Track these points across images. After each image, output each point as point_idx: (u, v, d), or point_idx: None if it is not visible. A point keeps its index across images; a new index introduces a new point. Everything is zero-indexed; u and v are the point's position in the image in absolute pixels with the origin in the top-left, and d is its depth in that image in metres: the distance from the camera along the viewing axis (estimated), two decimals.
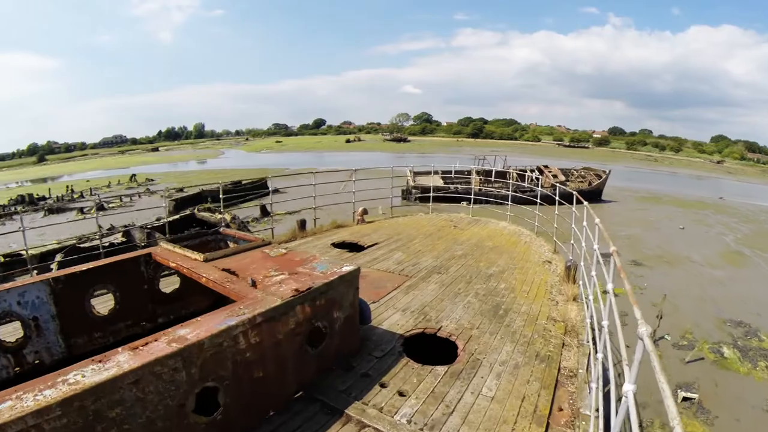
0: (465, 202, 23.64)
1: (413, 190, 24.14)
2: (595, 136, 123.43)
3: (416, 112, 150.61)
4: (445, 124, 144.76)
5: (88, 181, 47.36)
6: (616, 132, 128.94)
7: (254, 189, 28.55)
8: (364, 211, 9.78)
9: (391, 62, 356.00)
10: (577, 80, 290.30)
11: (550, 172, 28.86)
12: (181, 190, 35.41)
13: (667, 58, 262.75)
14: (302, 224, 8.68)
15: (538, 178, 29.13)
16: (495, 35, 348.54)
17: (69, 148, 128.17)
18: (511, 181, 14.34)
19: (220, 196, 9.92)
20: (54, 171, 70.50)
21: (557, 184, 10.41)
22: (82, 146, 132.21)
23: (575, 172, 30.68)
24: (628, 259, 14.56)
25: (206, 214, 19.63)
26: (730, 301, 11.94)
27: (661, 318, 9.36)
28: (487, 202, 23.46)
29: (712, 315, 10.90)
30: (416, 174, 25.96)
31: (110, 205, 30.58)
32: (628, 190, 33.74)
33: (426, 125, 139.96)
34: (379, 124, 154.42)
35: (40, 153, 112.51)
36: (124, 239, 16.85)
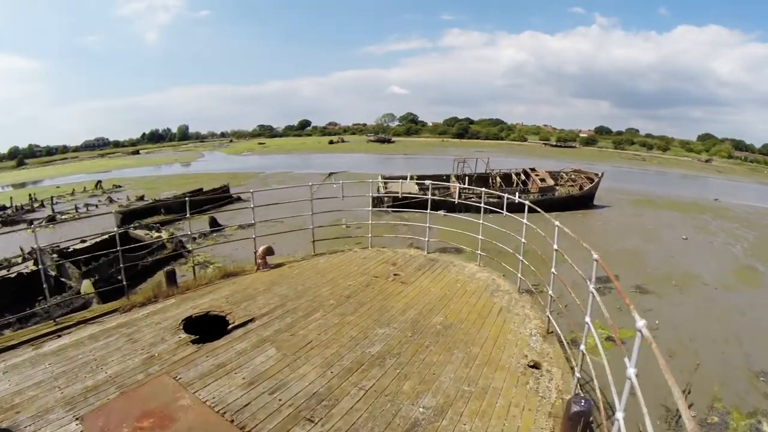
0: (443, 211, 21.36)
1: (385, 198, 21.61)
2: (582, 135, 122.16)
3: (403, 112, 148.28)
4: (431, 124, 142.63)
5: (57, 187, 44.44)
6: (602, 131, 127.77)
7: (215, 198, 25.89)
8: (268, 251, 6.90)
9: (377, 63, 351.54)
10: (563, 80, 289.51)
11: (537, 175, 26.54)
12: (141, 198, 32.79)
13: (653, 58, 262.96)
14: (170, 277, 5.96)
15: (524, 182, 26.91)
16: (482, 35, 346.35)
17: (50, 152, 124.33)
18: (484, 190, 11.80)
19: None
20: (31, 175, 67.26)
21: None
22: (64, 149, 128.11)
23: (565, 175, 28.40)
24: (632, 284, 12.22)
25: (140, 233, 16.95)
26: (757, 339, 9.65)
27: (689, 393, 7.01)
28: (467, 209, 21.17)
29: (741, 364, 8.58)
30: (388, 179, 23.54)
31: (63, 217, 27.85)
32: (620, 192, 31.71)
33: (411, 126, 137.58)
34: (364, 125, 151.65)
35: (19, 156, 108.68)
36: (36, 267, 14.24)
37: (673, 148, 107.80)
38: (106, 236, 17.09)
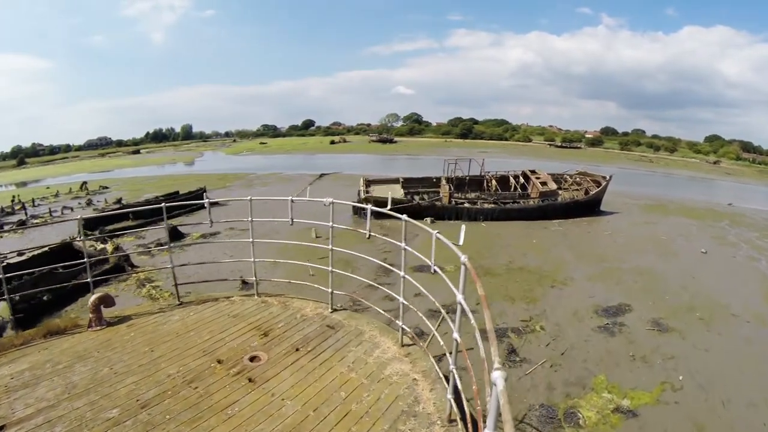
0: (429, 219, 19.39)
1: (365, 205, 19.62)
2: (587, 136, 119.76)
3: (408, 112, 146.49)
4: (435, 124, 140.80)
5: (48, 188, 43.16)
6: (608, 132, 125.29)
7: (187, 204, 24.02)
8: (104, 301, 4.80)
9: (383, 63, 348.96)
10: (569, 80, 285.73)
11: (538, 178, 24.34)
12: (119, 201, 31.16)
13: (660, 59, 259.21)
14: None
15: (524, 186, 24.79)
16: (489, 36, 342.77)
17: (53, 151, 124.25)
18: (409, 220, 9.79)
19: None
20: (29, 175, 65.99)
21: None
22: (67, 148, 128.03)
23: (569, 177, 26.14)
24: (649, 317, 10.11)
25: (86, 244, 15.06)
26: None
27: None
28: (457, 216, 19.21)
29: None
30: (371, 183, 21.46)
31: (34, 221, 26.21)
32: (628, 197, 29.51)
33: (415, 126, 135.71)
34: (369, 125, 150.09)
35: (20, 156, 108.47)
36: None
37: (681, 149, 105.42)
38: (47, 248, 15.30)
